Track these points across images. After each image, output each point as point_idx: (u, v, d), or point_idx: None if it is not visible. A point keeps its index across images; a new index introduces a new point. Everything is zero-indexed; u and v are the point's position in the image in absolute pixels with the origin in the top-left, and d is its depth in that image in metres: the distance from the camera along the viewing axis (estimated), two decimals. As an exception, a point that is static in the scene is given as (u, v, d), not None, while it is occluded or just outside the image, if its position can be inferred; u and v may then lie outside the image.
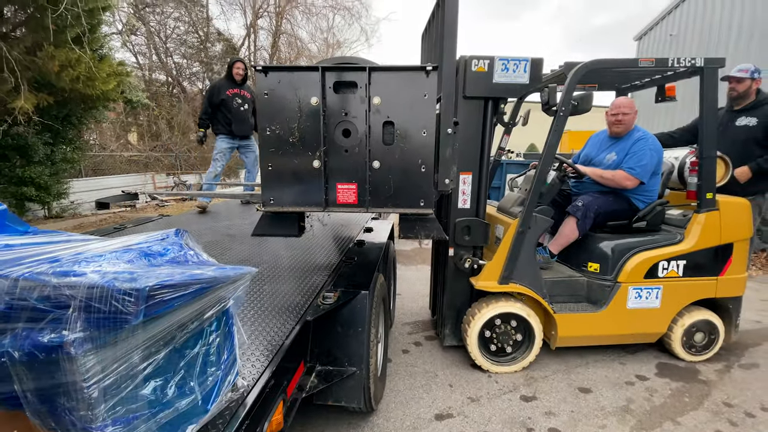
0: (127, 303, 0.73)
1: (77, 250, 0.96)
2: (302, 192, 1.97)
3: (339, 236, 3.24)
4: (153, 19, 15.69)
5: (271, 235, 2.14)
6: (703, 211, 2.80)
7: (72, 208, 9.76)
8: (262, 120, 1.91)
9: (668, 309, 2.89)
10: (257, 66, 1.85)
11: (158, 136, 15.52)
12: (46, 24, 5.40)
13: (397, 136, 1.90)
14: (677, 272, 2.83)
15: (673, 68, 2.71)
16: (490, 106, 2.66)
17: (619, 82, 3.33)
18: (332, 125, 1.92)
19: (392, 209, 2.00)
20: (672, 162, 3.23)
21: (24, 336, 0.73)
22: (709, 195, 2.78)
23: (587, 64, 2.60)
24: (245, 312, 1.85)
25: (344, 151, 1.94)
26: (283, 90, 1.88)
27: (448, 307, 3.00)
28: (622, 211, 2.96)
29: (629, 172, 2.85)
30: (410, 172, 1.94)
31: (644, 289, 2.83)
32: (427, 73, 1.84)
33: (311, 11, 17.28)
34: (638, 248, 2.85)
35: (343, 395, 2.01)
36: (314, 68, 1.86)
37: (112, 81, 6.84)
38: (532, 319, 2.79)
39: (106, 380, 0.74)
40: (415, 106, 1.88)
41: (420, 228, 2.07)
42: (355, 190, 1.97)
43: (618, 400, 2.57)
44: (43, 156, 7.66)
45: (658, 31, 9.45)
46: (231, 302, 1.05)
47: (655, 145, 2.91)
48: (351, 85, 1.89)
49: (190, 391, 0.93)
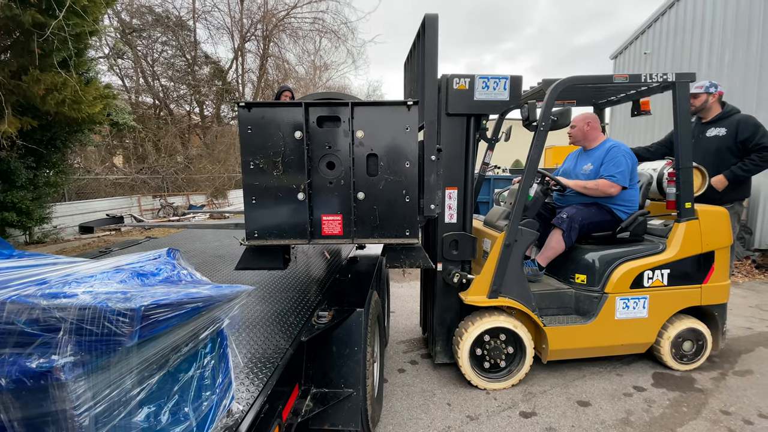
0: (122, 324, 0.70)
1: (66, 272, 0.93)
2: (287, 225, 1.97)
3: (331, 253, 3.21)
4: (140, 43, 15.76)
5: (256, 268, 2.12)
6: (683, 221, 2.86)
7: (54, 233, 9.51)
8: (246, 154, 1.92)
9: (656, 318, 2.91)
10: (240, 102, 1.89)
11: (145, 159, 15.37)
12: (32, 48, 5.38)
13: (381, 167, 1.93)
14: (662, 281, 2.87)
15: (647, 83, 2.81)
16: (472, 122, 2.72)
17: (596, 98, 3.45)
18: (316, 158, 1.94)
19: (378, 240, 2.00)
20: (650, 173, 3.32)
21: (11, 362, 0.69)
22: (688, 204, 2.85)
23: (564, 80, 2.69)
24: (238, 333, 1.80)
25: (329, 183, 1.95)
26: (266, 125, 1.90)
27: (438, 324, 2.97)
28: (605, 221, 3.02)
29: (610, 180, 2.92)
30: (395, 203, 1.96)
31: (631, 299, 2.85)
32: (408, 108, 1.89)
33: (298, 34, 17.57)
34: (623, 258, 2.89)
35: (340, 418, 1.95)
36: (298, 104, 1.89)
37: (98, 104, 6.79)
38: (522, 333, 2.78)
39: (97, 407, 0.70)
40: (398, 138, 1.92)
41: (406, 257, 2.08)
42: (341, 222, 1.98)
43: (618, 413, 2.55)
44: (26, 180, 7.49)
45: (632, 50, 9.86)
46: (226, 322, 1.02)
47: (627, 150, 3.01)
48: (334, 120, 1.92)
49: (184, 417, 0.89)
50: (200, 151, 17.04)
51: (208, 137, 17.31)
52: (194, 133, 17.97)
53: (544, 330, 2.78)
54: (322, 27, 17.57)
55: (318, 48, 18.75)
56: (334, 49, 18.76)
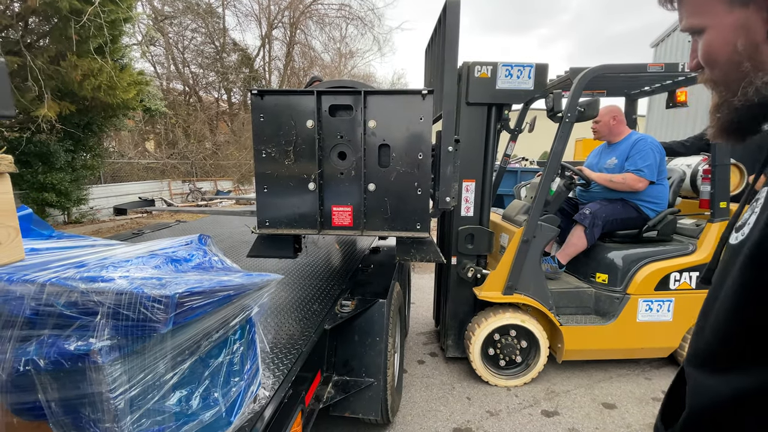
0: (157, 310, 0.71)
1: (103, 255, 0.95)
2: (297, 214, 1.96)
3: (353, 242, 3.21)
4: (171, 30, 16.09)
5: (267, 256, 2.14)
6: (717, 221, 2.70)
7: (91, 214, 9.96)
8: (258, 142, 1.91)
9: (681, 322, 2.77)
10: (253, 89, 1.87)
11: (175, 144, 15.81)
12: (70, 34, 5.56)
13: (393, 158, 1.89)
14: (690, 284, 2.72)
15: (684, 73, 2.63)
16: (493, 112, 2.63)
17: (628, 88, 3.25)
18: (328, 148, 1.91)
19: (388, 232, 1.97)
20: (684, 170, 3.14)
21: (50, 343, 0.71)
22: (723, 204, 2.69)
23: (593, 69, 2.54)
24: (263, 319, 1.83)
25: (339, 173, 1.93)
26: (278, 113, 1.88)
27: (450, 318, 2.93)
28: (631, 219, 2.88)
29: (637, 174, 2.77)
30: (406, 195, 1.92)
31: (655, 302, 2.73)
32: (423, 97, 1.83)
33: (324, 21, 17.53)
34: (649, 259, 2.76)
35: (360, 407, 1.97)
36: (310, 92, 1.86)
37: (132, 90, 7.00)
38: (537, 331, 2.71)
39: (132, 391, 0.72)
40: (411, 128, 1.86)
41: (416, 251, 2.04)
42: (351, 213, 1.96)
43: (645, 417, 2.47)
44: (65, 163, 7.84)
45: (675, 38, 9.33)
46: (255, 309, 1.03)
47: (655, 143, 2.84)
48: (347, 108, 1.89)
49: (214, 403, 0.90)
50: (228, 137, 17.39)
51: (236, 124, 17.62)
52: (222, 120, 18.32)
53: (561, 329, 2.70)
54: (349, 13, 17.45)
55: (344, 35, 18.66)
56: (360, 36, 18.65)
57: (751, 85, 0.53)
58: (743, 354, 0.49)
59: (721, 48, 0.55)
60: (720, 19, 0.54)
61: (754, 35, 0.52)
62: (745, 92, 0.54)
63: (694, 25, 0.58)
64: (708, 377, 0.53)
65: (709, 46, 0.56)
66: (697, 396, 0.55)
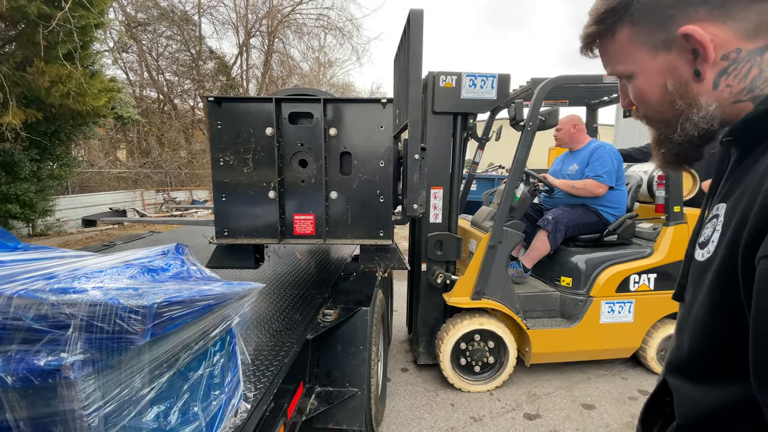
0: (133, 321, 0.68)
1: (74, 266, 0.91)
2: (257, 223, 1.94)
3: (336, 250, 3.19)
4: (145, 37, 15.73)
5: (226, 267, 2.10)
6: (671, 224, 2.82)
7: (57, 226, 9.51)
8: (215, 150, 1.88)
9: (641, 323, 2.87)
10: (209, 97, 1.83)
11: (148, 153, 15.37)
12: (37, 40, 5.36)
13: (355, 166, 1.90)
14: (648, 286, 2.83)
15: None
16: (459, 121, 2.68)
17: (589, 98, 3.40)
18: (288, 156, 1.90)
19: (351, 240, 1.98)
20: (641, 176, 3.28)
21: (18, 359, 0.67)
22: (677, 208, 2.81)
23: (552, 80, 2.64)
24: (243, 330, 1.78)
25: (301, 181, 1.92)
26: (236, 120, 1.86)
27: (422, 324, 2.94)
28: (592, 224, 2.98)
29: (597, 180, 2.89)
30: (369, 203, 1.93)
31: (617, 303, 2.82)
32: (383, 105, 1.86)
33: (303, 30, 17.52)
34: (610, 262, 2.86)
35: (344, 417, 1.93)
36: (268, 99, 1.85)
37: (103, 97, 6.78)
38: (505, 335, 2.75)
39: (107, 407, 0.68)
40: (373, 136, 1.88)
41: (380, 259, 2.05)
42: (313, 221, 1.95)
43: (623, 416, 2.53)
44: (29, 172, 7.48)
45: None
46: (236, 320, 1.00)
47: (613, 150, 2.97)
48: (307, 116, 1.89)
49: (193, 417, 0.87)
50: (203, 146, 17.02)
51: (212, 132, 17.25)
52: (198, 128, 17.96)
53: (528, 333, 2.74)
54: (327, 23, 17.52)
55: (323, 44, 18.71)
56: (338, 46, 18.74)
57: (689, 121, 0.55)
58: (718, 370, 0.51)
59: (652, 90, 0.57)
60: (646, 65, 0.56)
61: (682, 75, 0.54)
62: (684, 128, 0.56)
63: (621, 71, 0.60)
64: (691, 388, 0.55)
65: (640, 90, 0.59)
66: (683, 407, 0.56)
